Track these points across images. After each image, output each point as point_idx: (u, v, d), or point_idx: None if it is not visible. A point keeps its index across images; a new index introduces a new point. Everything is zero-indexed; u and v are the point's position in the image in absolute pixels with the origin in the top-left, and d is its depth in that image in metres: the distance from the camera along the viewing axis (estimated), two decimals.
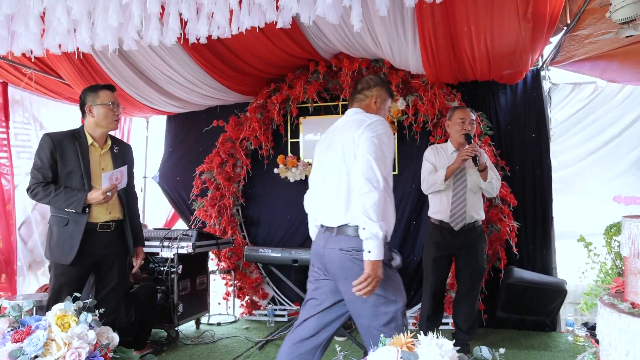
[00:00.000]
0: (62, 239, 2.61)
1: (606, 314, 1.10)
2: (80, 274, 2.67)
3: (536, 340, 3.72)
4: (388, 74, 4.30)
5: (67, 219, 2.61)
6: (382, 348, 1.39)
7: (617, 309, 1.08)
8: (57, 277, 2.63)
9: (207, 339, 3.88)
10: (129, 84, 4.17)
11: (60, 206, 2.60)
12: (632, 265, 1.10)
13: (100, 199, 2.57)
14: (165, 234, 3.76)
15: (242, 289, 4.72)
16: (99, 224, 2.70)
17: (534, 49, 3.50)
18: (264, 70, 4.38)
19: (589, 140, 4.11)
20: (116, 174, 2.64)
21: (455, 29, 3.22)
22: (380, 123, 2.05)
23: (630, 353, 1.01)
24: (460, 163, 3.15)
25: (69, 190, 2.59)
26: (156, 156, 5.47)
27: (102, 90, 2.74)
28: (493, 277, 4.07)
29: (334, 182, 2.10)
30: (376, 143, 1.97)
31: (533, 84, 4.25)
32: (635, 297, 1.09)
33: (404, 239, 4.44)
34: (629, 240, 1.09)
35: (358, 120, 2.09)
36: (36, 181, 2.61)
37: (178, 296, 3.71)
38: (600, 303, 1.14)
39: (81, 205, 2.56)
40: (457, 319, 3.37)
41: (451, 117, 3.35)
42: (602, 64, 3.68)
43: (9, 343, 1.68)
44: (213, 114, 5.02)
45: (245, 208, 4.97)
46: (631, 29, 2.38)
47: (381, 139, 1.99)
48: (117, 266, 2.81)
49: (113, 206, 2.77)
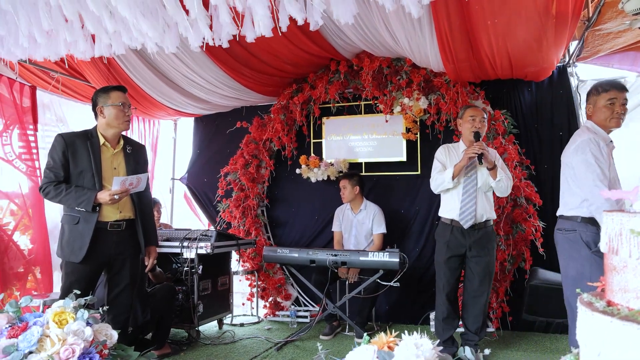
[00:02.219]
0: (72, 237, 2.65)
1: (582, 313, 1.04)
2: (90, 272, 2.70)
3: (562, 343, 3.58)
4: (410, 72, 4.25)
5: (78, 217, 2.65)
6: (361, 347, 1.38)
7: (592, 307, 1.02)
8: (67, 275, 2.67)
9: (227, 339, 3.92)
10: (152, 86, 4.29)
11: (70, 205, 2.65)
12: (608, 262, 1.04)
13: (107, 200, 2.61)
14: (185, 234, 3.83)
15: (266, 290, 4.76)
16: (109, 223, 2.74)
17: (558, 44, 3.37)
18: (284, 70, 4.42)
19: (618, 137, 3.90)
20: (131, 180, 2.67)
21: (471, 26, 3.15)
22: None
23: (602, 354, 0.96)
24: (466, 161, 3.10)
25: (80, 189, 2.63)
26: (184, 158, 5.61)
27: (113, 91, 2.79)
28: (518, 278, 3.94)
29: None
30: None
31: (560, 81, 4.11)
32: (611, 294, 1.03)
33: (428, 239, 4.37)
34: (605, 235, 1.03)
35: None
36: (48, 180, 2.66)
37: (198, 296, 3.76)
38: (579, 302, 1.09)
39: (91, 203, 2.61)
40: (466, 319, 3.31)
41: (462, 115, 3.31)
42: (633, 54, 3.51)
43: (4, 339, 1.72)
44: (239, 116, 5.11)
45: (270, 209, 5.03)
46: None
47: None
48: (128, 265, 2.84)
49: (124, 205, 2.81)
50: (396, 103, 4.35)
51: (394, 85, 4.34)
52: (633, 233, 0.94)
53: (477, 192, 3.19)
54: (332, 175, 4.62)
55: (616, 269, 1.01)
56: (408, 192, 4.54)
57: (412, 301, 4.39)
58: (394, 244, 4.21)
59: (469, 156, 3.07)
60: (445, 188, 3.24)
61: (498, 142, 3.94)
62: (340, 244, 4.36)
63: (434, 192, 3.36)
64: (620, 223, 1.00)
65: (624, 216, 0.99)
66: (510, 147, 3.93)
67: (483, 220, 3.20)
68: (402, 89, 4.30)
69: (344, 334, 4.07)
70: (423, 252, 4.40)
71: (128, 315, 2.87)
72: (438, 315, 3.35)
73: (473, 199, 3.16)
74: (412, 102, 4.23)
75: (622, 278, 1.00)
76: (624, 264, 0.99)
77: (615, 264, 1.02)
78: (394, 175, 4.60)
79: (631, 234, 0.94)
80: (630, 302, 0.97)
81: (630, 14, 2.23)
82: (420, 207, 4.47)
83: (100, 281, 2.95)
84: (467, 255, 3.23)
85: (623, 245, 0.98)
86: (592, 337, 1.00)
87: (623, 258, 0.99)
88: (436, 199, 4.27)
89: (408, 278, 3.99)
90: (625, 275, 0.99)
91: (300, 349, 3.63)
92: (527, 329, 3.90)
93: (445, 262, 3.25)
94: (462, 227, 3.17)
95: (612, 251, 1.01)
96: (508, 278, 3.93)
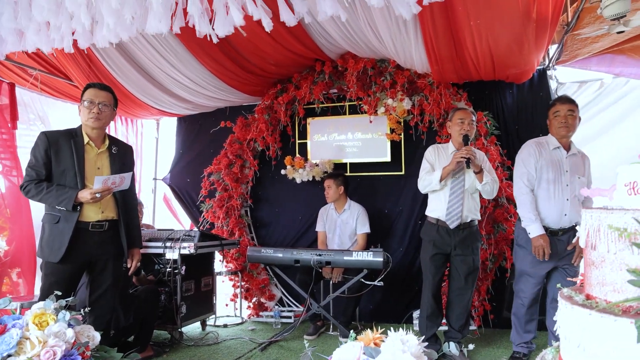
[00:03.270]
0: (52, 236, 2.60)
1: (562, 307, 1.07)
2: (70, 273, 2.64)
3: (541, 340, 3.63)
4: (394, 73, 4.29)
5: (58, 216, 2.60)
6: (348, 344, 1.39)
7: (572, 301, 1.06)
8: (47, 276, 2.61)
9: (211, 340, 3.89)
10: (136, 85, 4.25)
11: (51, 203, 2.60)
12: (587, 257, 1.07)
13: (87, 198, 2.56)
14: (168, 235, 3.80)
15: (250, 291, 4.75)
16: (90, 223, 2.68)
17: (539, 47, 3.44)
18: (269, 71, 4.41)
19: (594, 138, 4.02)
20: (114, 179, 2.63)
21: (456, 27, 3.19)
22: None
23: (581, 345, 0.99)
24: (454, 166, 3.15)
25: (61, 188, 2.59)
26: (166, 158, 5.57)
27: (87, 89, 2.76)
28: (499, 277, 4.01)
29: None
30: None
31: (540, 84, 4.20)
32: (590, 288, 1.07)
33: (412, 238, 4.42)
34: (584, 231, 1.06)
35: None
36: (29, 179, 2.61)
37: (181, 297, 3.73)
38: (559, 296, 1.12)
39: (71, 202, 2.55)
40: (450, 317, 3.37)
41: (452, 118, 3.36)
42: (609, 57, 3.61)
43: None
44: (222, 116, 5.08)
45: (254, 209, 5.01)
46: (621, 25, 2.35)
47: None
48: (111, 267, 2.78)
49: (106, 206, 2.76)
50: (380, 104, 4.38)
51: (378, 86, 4.37)
52: (611, 228, 0.97)
53: (464, 193, 3.23)
54: (317, 175, 4.64)
55: (594, 263, 1.05)
56: (392, 192, 4.57)
57: (395, 300, 4.43)
58: (377, 243, 4.24)
59: (457, 161, 3.12)
60: (433, 189, 3.28)
61: (480, 143, 4.00)
62: (325, 244, 4.37)
63: (421, 191, 3.40)
64: (599, 219, 1.03)
65: (602, 213, 1.03)
66: (492, 148, 4.00)
67: (468, 221, 3.26)
68: (386, 90, 4.33)
69: (328, 334, 4.08)
70: (407, 252, 4.44)
71: (110, 317, 2.82)
72: (423, 313, 3.39)
73: (460, 200, 3.21)
74: (396, 103, 4.27)
75: (600, 272, 1.03)
76: (601, 258, 1.03)
77: (593, 259, 1.05)
78: (378, 175, 4.63)
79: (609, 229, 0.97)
80: (608, 295, 1.01)
81: (609, 19, 2.29)
82: (404, 207, 4.51)
83: (82, 283, 2.90)
84: (452, 254, 3.28)
85: (601, 241, 1.02)
86: (572, 330, 1.03)
87: (601, 253, 1.02)
88: (420, 198, 4.34)
89: (391, 277, 4.02)
90: (603, 270, 1.02)
91: (285, 349, 3.63)
92: (508, 326, 3.88)
93: (431, 259, 3.29)
94: (448, 226, 3.22)
95: (590, 247, 1.05)
96: (489, 277, 3.99)
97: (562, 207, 3.00)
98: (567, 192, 3.01)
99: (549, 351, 1.19)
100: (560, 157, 3.07)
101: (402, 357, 1.21)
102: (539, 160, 3.05)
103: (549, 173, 3.02)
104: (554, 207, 3.01)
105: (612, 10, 2.21)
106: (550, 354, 1.15)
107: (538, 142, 3.15)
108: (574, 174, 3.04)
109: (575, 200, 3.00)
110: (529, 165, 3.06)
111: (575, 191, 3.00)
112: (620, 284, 0.98)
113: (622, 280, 0.97)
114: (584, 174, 3.08)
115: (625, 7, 2.19)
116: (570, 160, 3.07)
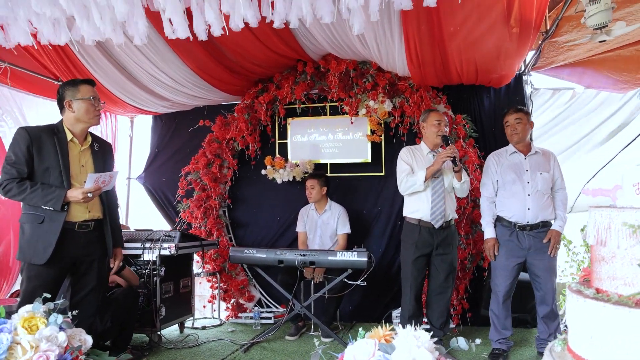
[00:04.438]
0: (35, 237, 2.48)
1: (573, 300, 1.12)
2: (55, 276, 2.54)
3: (518, 336, 3.78)
4: (375, 75, 4.34)
5: (42, 216, 2.48)
6: (361, 340, 1.40)
7: (582, 294, 1.11)
8: (29, 280, 2.48)
9: (191, 342, 3.83)
10: (113, 81, 4.13)
11: (36, 203, 2.47)
12: (596, 253, 1.13)
13: (79, 198, 2.47)
14: (147, 235, 3.72)
15: (228, 292, 4.70)
16: (77, 223, 2.59)
17: (520, 53, 3.57)
18: (252, 70, 4.39)
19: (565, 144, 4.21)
20: (104, 177, 2.55)
21: (441, 32, 3.26)
22: None
23: (594, 337, 1.04)
24: (440, 165, 3.24)
25: (47, 187, 2.47)
26: (141, 157, 5.44)
27: (82, 85, 2.64)
28: (477, 276, 4.11)
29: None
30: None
31: (516, 88, 4.34)
32: (599, 282, 1.12)
33: (391, 239, 4.48)
34: (593, 228, 1.12)
35: None
36: (9, 177, 2.46)
37: (161, 299, 3.65)
38: (568, 290, 1.17)
39: (60, 202, 2.45)
40: (431, 316, 3.45)
41: (426, 119, 3.44)
42: (580, 70, 3.78)
43: None
44: (200, 114, 5.00)
45: (232, 210, 4.97)
46: (604, 35, 2.47)
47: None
48: (95, 267, 2.69)
49: (93, 205, 2.66)
50: (361, 105, 4.43)
51: (359, 87, 4.41)
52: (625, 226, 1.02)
53: (444, 192, 3.33)
54: (298, 176, 4.64)
55: (604, 259, 1.10)
56: (372, 193, 4.62)
57: (374, 300, 4.48)
58: (358, 244, 4.28)
59: (443, 160, 3.19)
60: (416, 190, 3.34)
61: (459, 146, 4.10)
62: (305, 244, 4.38)
63: (402, 193, 3.45)
64: (609, 217, 1.09)
65: (612, 211, 1.09)
66: (471, 150, 4.10)
67: (449, 219, 3.36)
68: (367, 92, 4.37)
69: (310, 334, 4.08)
70: (386, 252, 4.50)
71: (93, 320, 2.73)
72: (404, 314, 3.44)
73: (442, 200, 3.31)
74: (377, 105, 4.32)
75: (611, 267, 1.09)
76: (612, 254, 1.08)
77: (603, 255, 1.11)
78: (358, 176, 4.67)
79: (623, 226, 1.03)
80: (619, 288, 1.06)
81: (592, 28, 2.40)
82: (383, 207, 4.57)
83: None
84: (433, 253, 3.35)
85: (612, 238, 1.07)
86: (583, 322, 1.08)
87: (611, 249, 1.08)
88: (399, 199, 4.39)
89: (371, 278, 4.05)
90: (614, 265, 1.08)
91: (268, 350, 3.62)
92: (485, 324, 4.03)
93: (413, 263, 3.34)
94: (431, 227, 3.29)
95: (600, 243, 1.10)
96: (468, 276, 4.09)
97: (524, 202, 3.22)
98: (529, 188, 3.24)
99: (556, 343, 1.24)
100: (519, 160, 3.34)
101: (417, 352, 1.23)
102: (498, 168, 3.37)
103: (511, 175, 3.30)
104: (516, 203, 3.24)
105: (595, 20, 2.32)
106: (559, 346, 1.20)
107: (497, 152, 3.48)
108: (535, 171, 3.27)
109: (539, 194, 3.22)
110: (489, 177, 3.39)
111: (537, 187, 3.24)
112: (631, 277, 1.04)
113: (633, 275, 1.03)
114: (548, 170, 3.29)
115: (608, 18, 2.31)
116: (530, 159, 3.32)
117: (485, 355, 3.35)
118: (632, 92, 4.05)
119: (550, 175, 3.29)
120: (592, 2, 2.30)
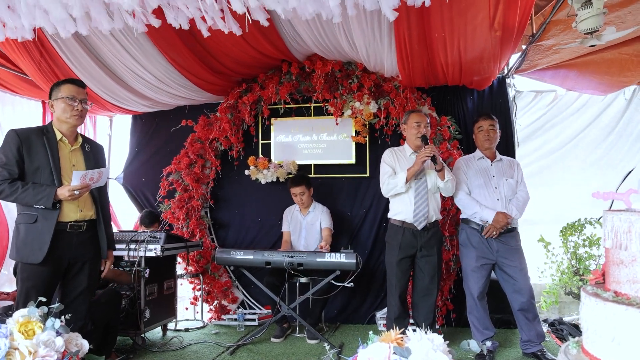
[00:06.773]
0: (30, 237, 2.47)
1: (591, 304, 1.14)
2: (50, 276, 2.52)
3: (502, 337, 3.83)
4: (361, 77, 4.34)
5: (35, 215, 2.48)
6: (374, 344, 1.39)
7: (601, 298, 1.13)
8: (24, 281, 2.47)
9: (176, 345, 3.76)
10: (94, 79, 4.01)
11: (28, 202, 2.47)
12: (614, 256, 1.15)
13: (66, 195, 2.44)
14: (132, 236, 3.63)
15: (211, 293, 4.63)
16: (69, 224, 2.57)
17: (502, 56, 3.62)
18: (236, 70, 4.33)
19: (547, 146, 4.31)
20: (92, 174, 2.52)
21: (430, 34, 3.28)
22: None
23: (615, 339, 1.05)
24: (420, 165, 3.26)
25: (37, 186, 2.47)
26: (120, 157, 5.31)
27: (65, 84, 2.64)
28: (461, 277, 4.14)
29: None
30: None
31: (499, 91, 4.41)
32: (617, 286, 1.14)
33: (376, 240, 4.49)
34: (611, 232, 1.14)
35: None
36: (1, 178, 2.47)
37: (145, 301, 3.59)
38: (584, 293, 1.19)
39: (51, 200, 2.44)
40: (417, 317, 3.48)
41: (407, 121, 3.48)
42: (563, 73, 3.87)
43: None
44: (182, 114, 4.91)
45: (215, 210, 4.89)
46: (595, 39, 2.53)
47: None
48: (87, 269, 2.66)
49: (84, 204, 2.64)
50: (346, 106, 4.42)
51: (345, 88, 4.41)
52: None
53: (428, 193, 3.36)
54: (282, 177, 4.61)
55: (624, 262, 1.12)
56: (356, 194, 4.63)
57: (359, 302, 4.48)
58: (345, 245, 4.28)
59: (422, 160, 3.21)
60: (398, 192, 3.35)
61: (444, 147, 4.14)
62: (289, 243, 4.34)
63: (385, 195, 3.46)
64: (629, 222, 1.11)
65: (632, 215, 1.10)
66: (455, 152, 4.15)
67: (433, 221, 3.39)
68: (352, 93, 4.37)
69: (295, 336, 4.06)
70: (371, 254, 4.51)
71: (83, 322, 2.66)
72: (390, 315, 3.46)
73: (425, 201, 3.33)
74: (362, 106, 4.33)
75: (631, 271, 1.11)
76: (632, 258, 1.10)
77: (622, 258, 1.13)
78: (343, 177, 4.67)
79: None
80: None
81: (583, 32, 2.45)
82: (368, 209, 4.57)
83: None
84: (417, 255, 3.38)
85: (632, 242, 1.09)
86: (603, 325, 1.10)
87: (632, 253, 1.10)
88: (384, 201, 4.41)
89: (356, 279, 4.06)
90: (634, 268, 1.10)
91: (254, 353, 3.58)
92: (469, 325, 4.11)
93: (397, 264, 3.36)
94: (414, 228, 3.31)
95: (619, 247, 1.12)
96: (452, 277, 4.14)
97: (494, 206, 3.31)
98: (497, 193, 3.37)
99: (571, 345, 1.25)
100: (486, 165, 3.48)
101: (434, 355, 1.23)
102: (468, 171, 3.49)
103: (479, 179, 3.43)
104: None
105: (587, 25, 2.38)
106: (574, 349, 1.22)
107: (465, 158, 3.62)
108: (500, 177, 3.42)
109: (506, 200, 3.35)
110: (461, 177, 3.49)
111: (504, 192, 3.37)
112: None
113: None
114: (512, 176, 3.41)
115: (600, 23, 2.36)
116: (496, 166, 3.46)
117: (472, 356, 3.39)
118: (613, 94, 4.17)
119: (514, 181, 3.41)
120: (584, 7, 2.36)
